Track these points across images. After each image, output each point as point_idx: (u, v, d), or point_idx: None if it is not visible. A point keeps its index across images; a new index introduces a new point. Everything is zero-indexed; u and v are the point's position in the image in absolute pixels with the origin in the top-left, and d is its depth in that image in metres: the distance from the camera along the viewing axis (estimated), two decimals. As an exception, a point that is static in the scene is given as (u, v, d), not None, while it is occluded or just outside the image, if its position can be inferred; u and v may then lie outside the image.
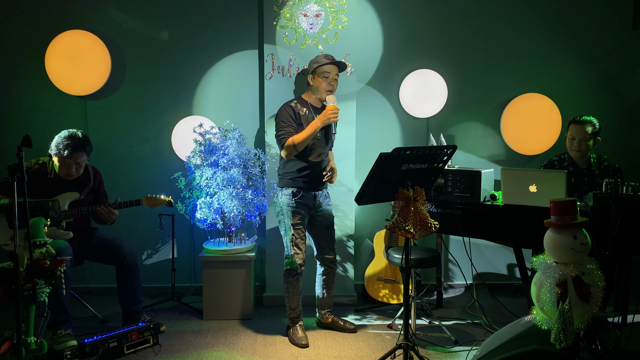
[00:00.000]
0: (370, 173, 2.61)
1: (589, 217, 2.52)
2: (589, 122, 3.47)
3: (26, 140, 2.32)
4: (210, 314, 3.73)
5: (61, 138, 3.26)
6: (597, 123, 3.49)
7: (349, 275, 4.06)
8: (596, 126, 3.48)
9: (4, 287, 2.39)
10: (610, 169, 3.51)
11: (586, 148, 3.49)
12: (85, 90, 4.04)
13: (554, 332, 2.27)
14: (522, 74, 4.31)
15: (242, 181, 3.65)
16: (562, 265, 2.32)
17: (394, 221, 2.66)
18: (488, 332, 3.45)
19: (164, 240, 4.25)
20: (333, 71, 3.33)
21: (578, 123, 3.50)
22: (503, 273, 4.45)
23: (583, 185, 3.54)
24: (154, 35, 4.13)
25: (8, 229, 2.94)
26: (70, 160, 3.27)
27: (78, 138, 3.29)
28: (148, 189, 3.93)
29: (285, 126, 3.27)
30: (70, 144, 3.24)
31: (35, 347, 2.48)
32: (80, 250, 3.46)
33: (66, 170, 3.31)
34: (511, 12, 4.26)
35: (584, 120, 3.49)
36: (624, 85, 4.38)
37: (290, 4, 3.88)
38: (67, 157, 3.25)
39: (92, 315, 3.71)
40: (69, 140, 3.25)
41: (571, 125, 3.54)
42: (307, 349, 3.28)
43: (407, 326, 2.81)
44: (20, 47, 4.08)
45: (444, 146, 2.78)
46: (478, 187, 3.31)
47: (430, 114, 4.20)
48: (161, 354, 3.17)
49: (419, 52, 4.24)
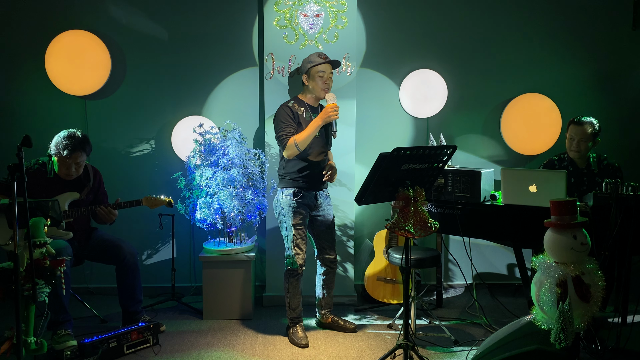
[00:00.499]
0: (370, 173, 2.61)
1: (589, 217, 2.52)
2: (589, 123, 3.47)
3: (26, 140, 2.32)
4: (210, 314, 3.73)
5: (60, 138, 3.26)
6: (596, 124, 3.48)
7: (349, 275, 4.06)
8: (596, 127, 3.47)
9: (4, 287, 2.39)
10: (610, 167, 3.50)
11: (585, 149, 3.48)
12: (85, 90, 4.04)
13: (554, 332, 2.27)
14: (522, 74, 4.31)
15: (242, 181, 3.65)
16: (562, 265, 2.32)
17: (394, 221, 2.66)
18: (488, 332, 3.45)
19: (164, 240, 4.25)
20: (327, 70, 3.32)
21: (577, 124, 3.49)
22: (503, 273, 4.45)
23: (583, 185, 3.53)
24: (154, 35, 4.13)
25: (8, 229, 2.94)
26: (70, 160, 3.27)
27: (77, 138, 3.28)
28: (148, 189, 3.93)
29: (286, 126, 3.27)
30: (70, 144, 3.24)
31: (35, 347, 2.48)
32: (80, 250, 3.46)
33: (66, 170, 3.31)
34: (511, 12, 4.26)
35: (584, 121, 3.48)
36: (624, 85, 4.38)
37: (290, 4, 3.88)
38: (67, 157, 3.25)
39: (92, 315, 3.71)
40: (68, 140, 3.25)
41: (571, 126, 3.53)
42: (307, 349, 3.28)
43: (407, 326, 2.81)
44: (20, 47, 4.08)
45: (444, 146, 2.78)
46: (478, 187, 3.31)
47: (430, 114, 4.20)
48: (161, 354, 3.17)
49: (419, 52, 4.24)
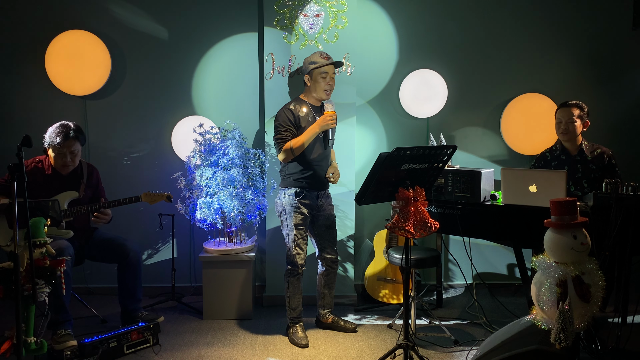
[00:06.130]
0: (370, 173, 2.62)
1: (589, 217, 2.52)
2: (575, 104, 3.50)
3: (26, 140, 2.32)
4: (210, 313, 3.73)
5: (53, 128, 3.31)
6: (584, 106, 3.51)
7: (349, 275, 4.06)
8: (583, 109, 3.49)
9: (4, 287, 2.39)
10: (604, 155, 3.49)
11: (573, 130, 3.48)
12: (85, 90, 4.04)
13: (554, 332, 2.27)
14: (522, 74, 4.31)
15: (242, 181, 3.65)
16: (562, 265, 2.32)
17: (394, 221, 2.66)
18: (488, 332, 3.45)
19: (164, 240, 4.25)
20: (330, 70, 3.32)
21: (563, 106, 3.53)
22: (503, 273, 4.45)
23: (577, 172, 3.53)
24: (154, 35, 4.13)
25: (8, 230, 2.94)
26: (64, 148, 3.29)
27: (69, 126, 3.33)
28: (148, 189, 3.92)
29: (284, 130, 3.27)
30: (62, 132, 3.28)
31: (35, 347, 2.48)
32: (81, 250, 3.47)
33: (61, 161, 3.32)
34: (511, 12, 4.26)
35: (570, 103, 3.52)
36: (624, 85, 4.38)
37: (290, 4, 3.88)
38: (60, 145, 3.27)
39: (92, 315, 3.71)
40: (60, 128, 3.29)
41: (558, 110, 3.56)
42: (307, 349, 3.28)
43: (407, 326, 2.81)
44: (20, 47, 4.08)
45: (444, 146, 2.78)
46: (478, 187, 3.31)
47: (430, 114, 4.20)
48: (161, 354, 3.17)
49: (419, 52, 4.24)
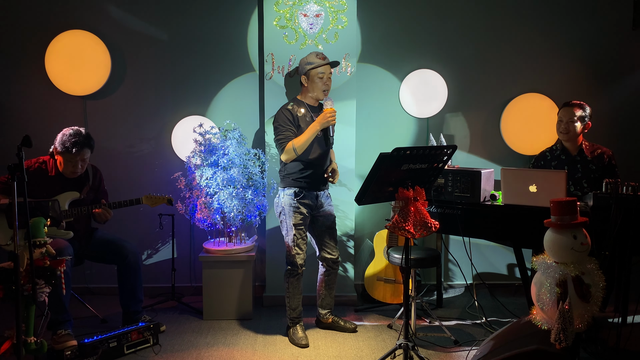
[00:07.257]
0: (370, 173, 2.61)
1: (589, 217, 2.52)
2: (578, 105, 3.49)
3: (26, 140, 2.32)
4: (210, 314, 3.73)
5: (66, 136, 3.28)
6: (587, 107, 3.50)
7: (349, 275, 4.06)
8: (585, 110, 3.48)
9: (4, 287, 2.39)
10: (604, 156, 3.49)
11: (573, 130, 3.47)
12: (85, 90, 4.04)
13: (554, 332, 2.27)
14: (522, 74, 4.31)
15: (242, 181, 3.65)
16: (562, 265, 2.32)
17: (394, 221, 2.66)
18: (488, 332, 3.45)
19: (164, 240, 4.25)
20: (327, 71, 3.32)
21: (566, 105, 3.53)
22: (503, 273, 4.45)
23: (577, 172, 3.53)
24: (154, 35, 4.12)
25: (8, 229, 2.94)
26: (78, 157, 3.29)
27: (83, 135, 3.32)
28: (148, 189, 3.93)
29: (285, 130, 3.27)
30: (78, 141, 3.27)
31: (35, 347, 2.48)
32: (81, 250, 3.46)
33: (72, 168, 3.32)
34: (511, 12, 4.26)
35: (573, 103, 3.51)
36: (624, 85, 4.38)
37: (290, 4, 3.88)
38: (75, 154, 3.27)
39: (92, 315, 3.71)
40: (75, 137, 3.27)
41: (560, 109, 3.56)
42: (307, 349, 3.28)
43: (407, 326, 2.81)
44: (20, 47, 4.08)
45: (444, 146, 2.78)
46: (478, 187, 3.31)
47: (430, 114, 4.20)
48: (161, 354, 3.17)
49: (419, 52, 4.24)
